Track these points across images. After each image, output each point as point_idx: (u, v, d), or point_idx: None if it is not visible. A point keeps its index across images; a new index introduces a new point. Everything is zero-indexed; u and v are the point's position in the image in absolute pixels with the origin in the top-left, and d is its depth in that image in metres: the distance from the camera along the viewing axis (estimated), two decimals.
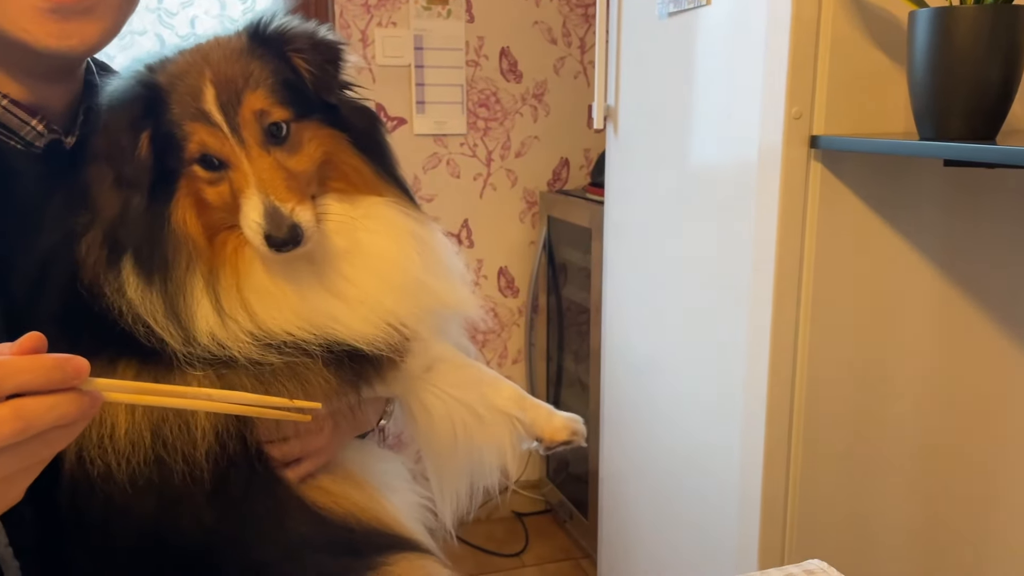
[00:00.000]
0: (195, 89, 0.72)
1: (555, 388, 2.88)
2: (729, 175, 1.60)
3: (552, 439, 0.91)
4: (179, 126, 0.72)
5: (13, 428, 0.49)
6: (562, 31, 2.80)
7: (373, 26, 2.59)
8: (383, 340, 0.76)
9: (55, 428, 0.51)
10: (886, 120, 1.44)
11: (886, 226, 1.49)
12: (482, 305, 0.87)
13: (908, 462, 1.60)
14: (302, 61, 0.76)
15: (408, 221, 0.81)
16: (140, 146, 0.71)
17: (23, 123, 0.77)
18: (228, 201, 0.73)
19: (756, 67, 1.47)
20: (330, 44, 0.80)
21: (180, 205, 0.73)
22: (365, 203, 0.79)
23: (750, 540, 1.58)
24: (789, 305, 1.48)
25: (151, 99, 0.72)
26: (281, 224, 0.69)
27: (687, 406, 1.81)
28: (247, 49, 0.76)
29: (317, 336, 0.73)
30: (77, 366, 0.51)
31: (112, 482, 0.70)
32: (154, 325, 0.71)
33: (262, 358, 0.72)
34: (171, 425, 0.70)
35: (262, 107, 0.73)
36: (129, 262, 0.72)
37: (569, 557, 2.73)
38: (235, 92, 0.72)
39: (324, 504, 0.78)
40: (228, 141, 0.72)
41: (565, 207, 2.66)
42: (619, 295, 2.12)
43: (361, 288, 0.76)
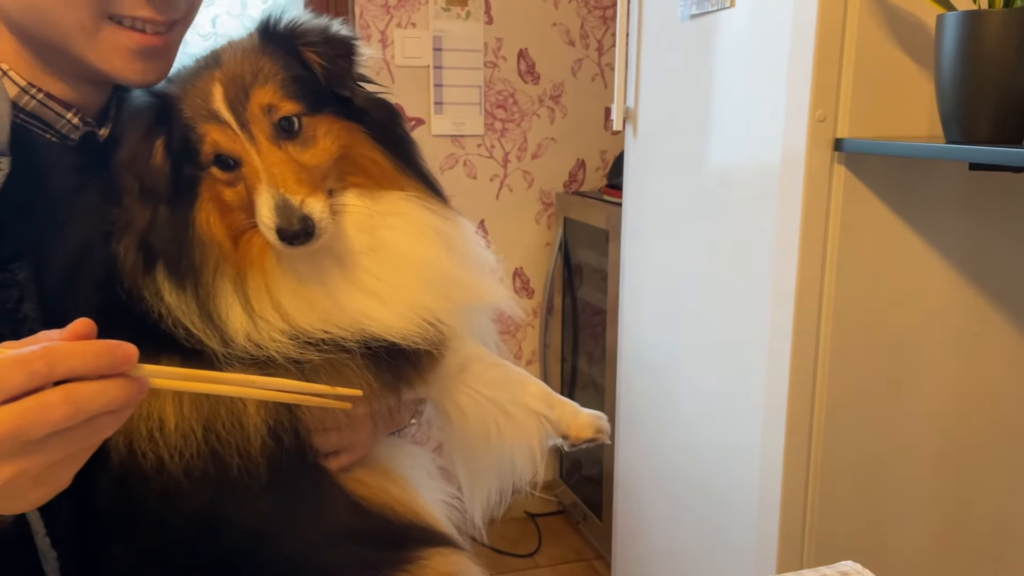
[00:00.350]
0: (205, 90, 0.73)
1: (569, 389, 2.89)
2: (750, 177, 1.60)
3: (578, 436, 0.91)
4: (192, 129, 0.72)
5: (65, 413, 0.49)
6: (580, 33, 2.80)
7: (392, 27, 2.60)
8: (418, 335, 0.75)
9: (104, 414, 0.51)
10: (909, 123, 1.44)
11: (909, 229, 1.49)
12: (512, 297, 0.86)
13: (928, 465, 1.60)
14: (314, 55, 0.76)
15: (431, 216, 0.80)
16: (155, 154, 0.72)
17: (58, 116, 0.78)
18: (246, 200, 0.73)
19: (780, 70, 1.47)
20: (342, 38, 0.79)
21: (203, 209, 0.73)
22: (387, 198, 0.79)
23: (769, 542, 1.58)
24: (811, 308, 1.48)
25: (162, 107, 0.73)
26: (291, 216, 0.69)
27: (705, 408, 1.81)
28: (258, 46, 0.76)
29: (352, 332, 0.73)
30: (127, 352, 0.51)
31: (166, 474, 0.71)
32: (192, 328, 0.72)
33: (300, 356, 0.72)
34: (223, 421, 0.71)
35: (270, 102, 0.73)
36: (162, 269, 0.73)
37: (582, 558, 2.73)
38: (242, 88, 0.72)
39: (363, 495, 0.79)
40: (239, 138, 0.72)
41: (581, 208, 2.66)
42: (636, 297, 2.12)
43: (390, 284, 0.76)
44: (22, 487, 0.52)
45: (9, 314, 0.71)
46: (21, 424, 0.49)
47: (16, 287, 0.71)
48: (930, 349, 1.56)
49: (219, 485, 0.71)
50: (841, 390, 1.51)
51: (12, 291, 0.71)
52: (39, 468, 0.51)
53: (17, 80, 0.76)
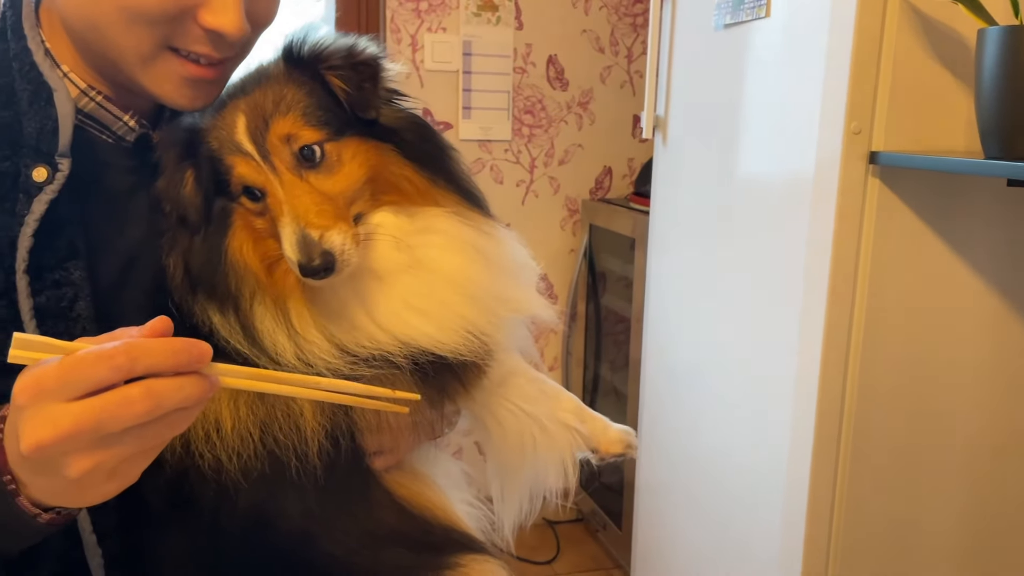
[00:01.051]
0: (230, 121, 0.73)
1: (591, 396, 2.88)
2: (781, 189, 1.59)
3: (607, 451, 0.92)
4: (220, 160, 0.73)
5: (145, 407, 0.50)
6: (610, 40, 2.80)
7: (423, 31, 2.61)
8: (464, 348, 0.75)
9: (178, 410, 0.52)
10: (945, 137, 1.43)
11: (943, 244, 1.47)
12: (551, 305, 0.86)
13: (957, 478, 1.58)
14: (337, 80, 0.75)
15: (469, 231, 0.79)
16: (185, 184, 0.73)
17: (116, 119, 0.80)
18: (273, 230, 0.73)
19: (814, 81, 1.46)
20: (367, 59, 0.77)
21: (236, 238, 0.74)
22: (423, 215, 0.77)
23: (794, 555, 1.57)
24: (842, 321, 1.47)
25: (191, 139, 0.74)
26: (312, 252, 0.68)
27: (730, 418, 1.80)
28: (283, 73, 0.75)
29: (399, 348, 0.73)
30: (202, 350, 0.52)
31: (223, 474, 0.71)
32: (240, 348, 0.73)
33: (352, 372, 0.72)
34: (280, 423, 0.72)
35: (289, 131, 0.72)
36: (202, 294, 0.74)
37: (600, 567, 2.72)
38: (263, 119, 0.72)
39: (405, 497, 0.79)
40: (262, 169, 0.72)
41: (607, 215, 2.66)
42: (662, 305, 2.11)
43: (433, 300, 0.76)
44: (97, 480, 0.53)
45: (63, 312, 0.72)
46: (102, 417, 0.50)
47: (71, 286, 0.73)
48: (961, 365, 1.54)
49: (274, 485, 0.72)
50: (870, 404, 1.50)
51: (67, 290, 0.72)
52: (115, 461, 0.52)
53: (77, 82, 0.77)
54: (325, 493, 0.73)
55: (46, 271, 0.72)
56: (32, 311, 0.71)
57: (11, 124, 0.73)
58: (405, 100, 0.81)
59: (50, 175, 0.71)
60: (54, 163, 0.72)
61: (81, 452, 0.51)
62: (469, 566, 0.78)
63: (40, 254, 0.71)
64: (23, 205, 0.71)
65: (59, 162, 0.72)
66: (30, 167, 0.71)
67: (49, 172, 0.72)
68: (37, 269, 0.71)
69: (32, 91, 0.74)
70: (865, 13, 1.36)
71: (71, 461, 0.51)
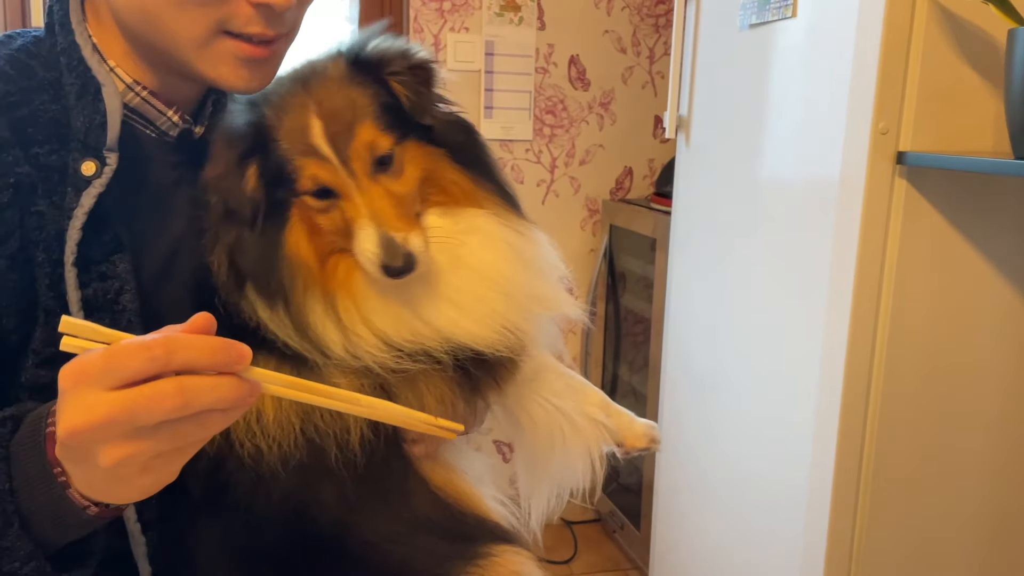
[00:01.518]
0: (302, 123, 0.73)
1: (609, 397, 2.87)
2: (806, 189, 1.58)
3: (633, 445, 0.93)
4: (289, 160, 0.74)
5: (175, 403, 0.50)
6: (632, 40, 2.80)
7: (446, 31, 2.62)
8: (501, 343, 0.77)
9: (213, 411, 0.52)
10: (973, 138, 1.42)
11: (970, 246, 1.46)
12: (578, 304, 0.87)
13: (981, 485, 1.57)
14: (400, 85, 0.76)
15: (508, 232, 0.82)
16: (247, 180, 0.73)
17: (160, 114, 0.80)
18: (340, 227, 0.75)
19: (841, 81, 1.46)
20: (424, 64, 0.79)
21: (293, 232, 0.75)
22: (465, 216, 0.80)
23: (816, 558, 1.56)
24: (866, 323, 1.46)
25: (257, 135, 0.74)
26: (397, 254, 0.71)
27: (752, 420, 1.79)
28: (346, 76, 0.76)
29: (440, 343, 0.75)
30: (241, 351, 0.52)
31: (263, 462, 0.72)
32: (289, 342, 0.74)
33: (397, 366, 0.74)
34: (321, 412, 0.73)
35: (371, 139, 0.74)
36: (251, 289, 0.75)
37: (618, 568, 2.72)
38: (344, 125, 0.73)
39: (440, 486, 0.80)
40: (339, 173, 0.73)
41: (628, 216, 2.66)
42: (683, 306, 2.10)
43: (472, 297, 0.78)
44: (130, 473, 0.54)
45: (109, 305, 0.73)
46: (135, 408, 0.50)
47: (116, 279, 0.74)
48: (988, 370, 1.53)
49: (312, 474, 0.73)
50: (894, 408, 1.49)
51: (112, 282, 0.73)
52: (147, 455, 0.53)
53: (124, 77, 0.78)
54: (363, 481, 0.73)
55: (93, 264, 0.73)
56: (80, 303, 0.71)
57: (59, 118, 0.74)
58: (451, 104, 0.83)
59: (98, 169, 0.72)
60: (102, 157, 0.73)
61: (114, 442, 0.52)
62: (502, 557, 0.78)
63: (87, 247, 0.72)
64: (72, 199, 0.71)
65: (107, 156, 0.73)
66: (78, 161, 0.72)
67: (97, 166, 0.72)
68: (84, 262, 0.72)
69: (80, 86, 0.74)
70: (894, 13, 1.36)
71: (104, 450, 0.52)
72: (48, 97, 0.74)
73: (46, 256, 0.72)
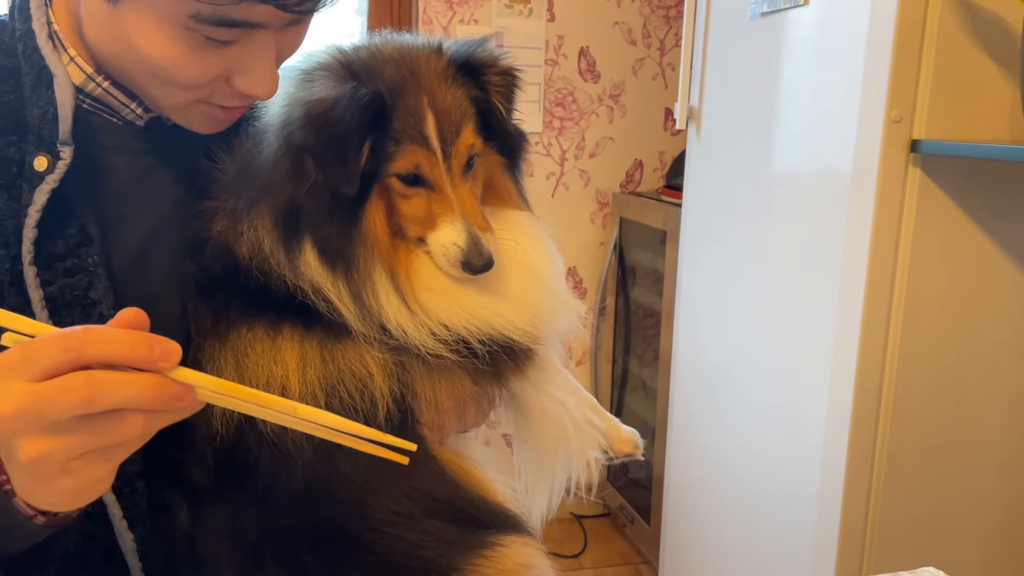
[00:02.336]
0: (417, 112, 0.74)
1: (619, 391, 2.86)
2: (819, 180, 1.57)
3: (619, 450, 0.96)
4: (396, 141, 0.75)
5: (82, 396, 0.48)
6: (642, 32, 2.78)
7: (455, 23, 2.61)
8: (532, 333, 0.80)
9: (132, 410, 0.50)
10: (988, 126, 1.40)
11: (984, 235, 1.44)
12: (580, 308, 0.90)
13: (995, 471, 1.55)
14: (497, 93, 0.79)
15: (542, 233, 0.86)
16: (363, 154, 0.74)
17: (123, 105, 0.78)
18: (420, 215, 0.77)
19: (854, 69, 1.44)
20: (513, 72, 0.82)
21: (373, 208, 0.76)
22: (508, 216, 0.84)
23: (827, 550, 1.55)
24: (880, 314, 1.44)
25: (376, 109, 0.74)
26: (482, 252, 0.75)
27: (763, 414, 1.78)
28: (454, 76, 0.78)
29: (483, 331, 0.78)
30: (165, 348, 0.50)
31: (287, 437, 0.73)
32: (339, 305, 0.74)
33: (435, 351, 0.76)
34: (347, 387, 0.74)
35: (472, 141, 0.77)
36: (311, 249, 0.75)
37: (628, 562, 2.70)
38: (453, 124, 0.76)
39: (455, 471, 0.80)
40: (439, 167, 0.76)
41: (638, 209, 2.64)
42: (694, 299, 2.09)
43: (518, 289, 0.81)
44: (51, 472, 0.52)
45: (78, 300, 0.71)
46: (41, 401, 0.48)
47: (85, 273, 0.72)
48: (1001, 360, 1.51)
49: (333, 450, 0.72)
50: (907, 399, 1.47)
51: (81, 277, 0.72)
52: (64, 453, 0.51)
53: (84, 67, 0.75)
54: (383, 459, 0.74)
55: (58, 260, 0.71)
56: (43, 301, 0.70)
57: (17, 108, 0.71)
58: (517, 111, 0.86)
59: (51, 164, 0.70)
60: (55, 151, 0.70)
61: (30, 435, 0.50)
62: (510, 547, 0.78)
63: (50, 243, 0.70)
64: (27, 195, 0.69)
65: (61, 150, 0.71)
66: (32, 155, 0.70)
67: (50, 161, 0.70)
68: (48, 259, 0.70)
69: (35, 75, 0.72)
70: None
71: (21, 444, 0.50)
72: (7, 87, 0.72)
73: (6, 252, 0.69)
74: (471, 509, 0.78)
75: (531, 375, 0.84)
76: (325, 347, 0.75)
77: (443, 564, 0.74)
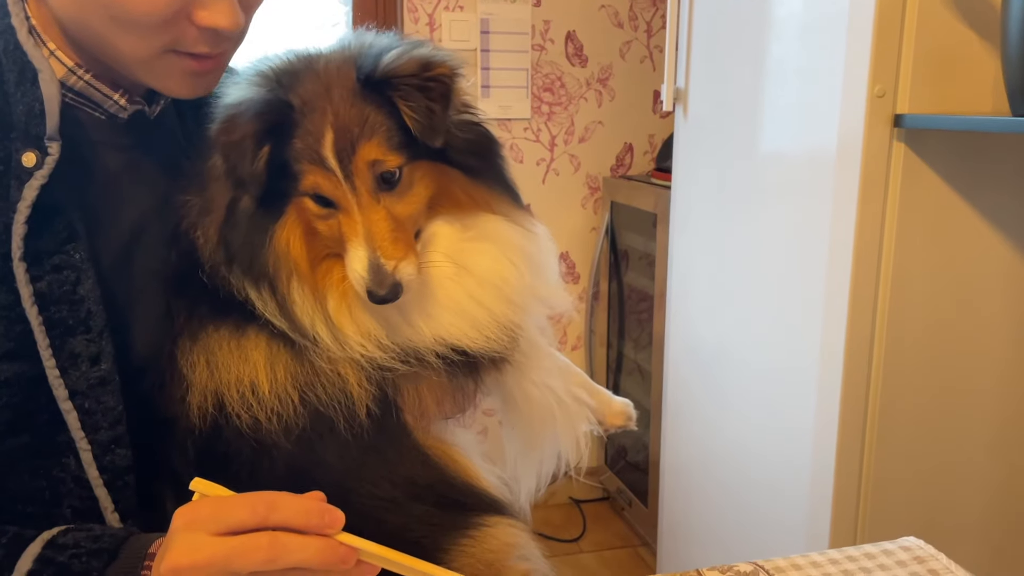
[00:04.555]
0: (317, 130, 0.72)
1: (614, 375, 2.87)
2: (805, 157, 1.56)
3: (612, 423, 0.97)
4: (297, 161, 0.73)
5: (267, 555, 0.57)
6: (629, 15, 2.77)
7: (440, 10, 2.60)
8: (498, 344, 0.78)
9: (303, 569, 0.58)
10: (971, 99, 1.40)
11: (970, 208, 1.44)
12: (570, 299, 0.89)
13: (985, 444, 1.56)
14: (408, 108, 0.74)
15: (516, 235, 0.82)
16: (259, 159, 0.72)
17: (106, 97, 0.78)
18: (335, 237, 0.75)
19: (837, 45, 1.44)
20: (440, 78, 0.75)
21: (286, 228, 0.75)
22: (476, 221, 0.80)
23: (821, 529, 1.55)
24: (867, 289, 1.45)
25: (278, 119, 0.73)
26: (384, 282, 0.71)
27: (755, 394, 1.78)
28: (360, 91, 0.74)
29: (435, 345, 0.76)
30: (334, 517, 0.59)
31: (262, 432, 0.73)
32: (271, 318, 0.75)
33: (387, 364, 0.75)
34: (324, 388, 0.74)
35: (375, 157, 0.73)
36: (238, 268, 0.75)
37: (627, 544, 2.72)
38: (351, 140, 0.72)
39: (437, 454, 0.80)
40: (341, 187, 0.73)
41: (629, 192, 2.64)
42: (685, 281, 2.09)
43: (473, 302, 0.79)
44: None
45: (66, 296, 0.72)
46: (231, 555, 0.57)
47: (72, 269, 0.72)
48: (990, 332, 1.51)
49: (316, 436, 0.75)
50: (897, 375, 1.48)
51: (68, 273, 0.72)
52: None
53: (65, 60, 0.75)
54: (361, 440, 0.75)
55: (46, 256, 0.71)
56: (32, 297, 0.70)
57: (0, 106, 0.71)
58: (474, 111, 0.80)
59: (39, 160, 0.70)
60: (43, 147, 0.70)
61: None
62: (495, 528, 0.78)
63: (38, 239, 0.70)
64: (15, 191, 0.69)
65: (48, 146, 0.71)
66: (20, 152, 0.70)
67: (38, 157, 0.70)
68: (36, 255, 0.70)
69: (18, 71, 0.72)
70: None
71: None
72: None
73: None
74: (455, 494, 0.79)
75: (508, 368, 0.83)
76: (296, 348, 0.75)
77: (428, 545, 0.75)
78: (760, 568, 0.84)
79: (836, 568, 0.83)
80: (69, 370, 0.71)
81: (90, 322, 0.72)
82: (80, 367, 0.72)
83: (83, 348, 0.72)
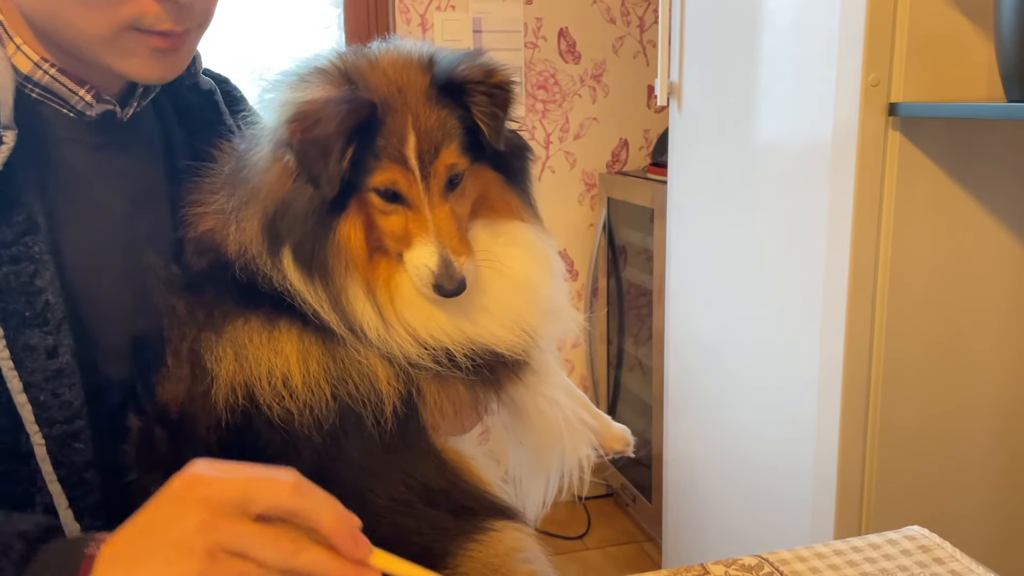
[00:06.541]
0: (400, 131, 0.74)
1: (615, 371, 2.87)
2: (800, 148, 1.56)
3: (610, 447, 0.99)
4: (377, 157, 0.75)
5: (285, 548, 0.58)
6: (621, 10, 2.77)
7: (432, 9, 2.59)
8: (521, 346, 0.81)
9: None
10: (966, 86, 1.39)
11: (967, 195, 1.44)
12: (578, 319, 0.90)
13: (988, 430, 1.55)
14: (480, 113, 0.77)
15: (541, 244, 0.85)
16: (346, 156, 0.73)
17: (71, 92, 0.78)
18: (398, 233, 0.77)
19: (830, 34, 1.43)
20: (505, 86, 0.79)
21: (349, 221, 0.76)
22: (507, 228, 0.83)
23: (825, 520, 1.55)
24: (866, 279, 1.44)
25: (365, 117, 0.74)
26: (453, 277, 0.74)
27: (757, 386, 1.78)
28: (437, 96, 0.76)
29: (467, 345, 0.78)
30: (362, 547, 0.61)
31: (294, 424, 0.74)
32: (321, 312, 0.76)
33: (421, 362, 0.77)
34: (355, 383, 0.75)
35: (453, 160, 0.76)
36: (289, 255, 0.76)
37: (632, 540, 2.72)
38: (433, 145, 0.75)
39: (451, 459, 0.81)
40: (417, 186, 0.75)
41: (625, 188, 2.64)
42: (683, 276, 2.09)
43: (505, 305, 0.81)
44: None
45: (23, 287, 0.71)
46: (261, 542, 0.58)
47: (30, 260, 0.71)
48: (990, 320, 1.51)
49: (343, 431, 0.75)
50: (898, 359, 1.47)
51: (26, 264, 0.71)
52: None
53: (30, 54, 0.75)
54: (387, 445, 0.76)
55: (3, 247, 0.70)
56: None
57: None
58: (517, 121, 0.84)
59: None
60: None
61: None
62: (503, 532, 0.78)
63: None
64: None
65: (3, 135, 0.70)
66: None
67: None
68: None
69: None
70: None
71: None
72: None
73: None
74: (467, 500, 0.80)
75: (527, 380, 0.84)
76: (327, 342, 0.76)
77: (437, 550, 0.75)
78: (765, 561, 0.83)
79: (841, 559, 0.83)
80: (25, 362, 0.70)
81: (47, 314, 0.72)
82: (36, 360, 0.71)
83: (39, 340, 0.71)
